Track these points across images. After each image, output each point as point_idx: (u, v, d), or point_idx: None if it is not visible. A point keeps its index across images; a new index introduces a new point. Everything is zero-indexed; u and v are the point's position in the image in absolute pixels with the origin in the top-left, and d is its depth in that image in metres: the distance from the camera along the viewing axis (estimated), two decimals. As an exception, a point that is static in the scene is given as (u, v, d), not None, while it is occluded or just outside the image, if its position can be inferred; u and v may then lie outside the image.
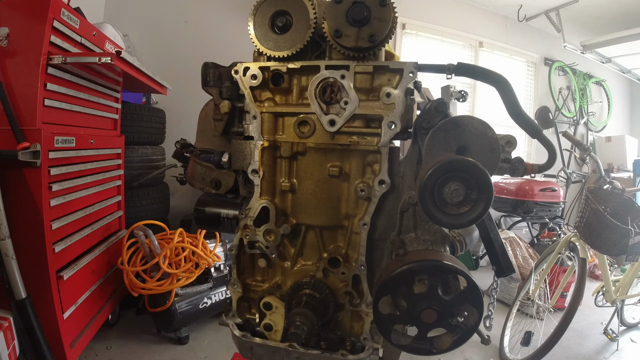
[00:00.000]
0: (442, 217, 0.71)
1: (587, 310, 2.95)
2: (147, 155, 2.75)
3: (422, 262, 0.76)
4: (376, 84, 0.91)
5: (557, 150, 0.99)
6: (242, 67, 0.95)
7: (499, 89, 0.92)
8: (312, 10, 0.89)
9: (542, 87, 5.25)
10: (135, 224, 2.21)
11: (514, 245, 3.44)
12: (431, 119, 0.85)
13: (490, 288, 1.12)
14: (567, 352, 2.48)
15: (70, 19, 1.72)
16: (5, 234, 1.48)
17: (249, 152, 0.98)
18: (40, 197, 1.57)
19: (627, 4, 4.25)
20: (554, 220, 3.94)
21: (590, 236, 2.15)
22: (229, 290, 1.04)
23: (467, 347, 2.44)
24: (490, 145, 0.80)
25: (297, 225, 0.98)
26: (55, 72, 1.66)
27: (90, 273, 2.00)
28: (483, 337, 0.87)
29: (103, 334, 2.23)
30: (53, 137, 1.63)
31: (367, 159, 0.93)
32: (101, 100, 2.12)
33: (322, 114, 0.92)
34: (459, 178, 0.69)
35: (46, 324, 1.63)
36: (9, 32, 1.55)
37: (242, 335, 1.02)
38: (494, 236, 0.91)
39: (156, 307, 2.19)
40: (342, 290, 0.97)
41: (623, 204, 2.24)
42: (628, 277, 2.40)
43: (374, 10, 0.84)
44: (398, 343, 0.80)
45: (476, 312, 0.75)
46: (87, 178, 1.94)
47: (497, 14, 4.87)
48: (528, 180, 3.77)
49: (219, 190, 1.04)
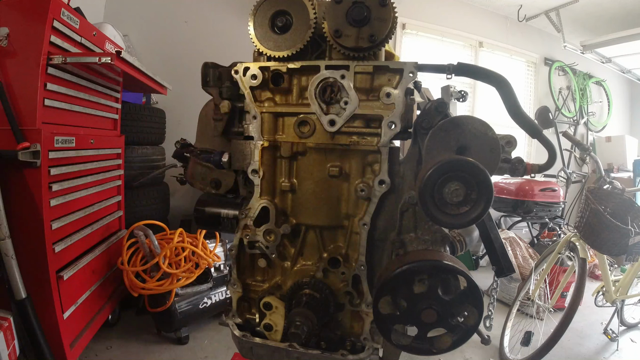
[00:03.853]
0: (442, 217, 0.71)
1: (587, 310, 2.94)
2: (147, 155, 2.75)
3: (422, 262, 0.76)
4: (376, 84, 0.91)
5: (557, 150, 0.99)
6: (242, 67, 0.95)
7: (499, 89, 0.92)
8: (312, 10, 0.89)
9: (542, 87, 5.25)
10: (135, 224, 2.21)
11: (514, 245, 3.43)
12: (431, 119, 0.85)
13: (490, 288, 1.12)
14: (567, 352, 2.48)
15: (70, 19, 1.72)
16: (5, 234, 1.48)
17: (249, 152, 0.98)
18: (40, 197, 1.57)
19: (627, 4, 4.25)
20: (554, 220, 3.94)
21: (590, 236, 2.15)
22: (229, 290, 1.04)
23: (467, 347, 2.44)
24: (490, 145, 0.80)
25: (297, 225, 0.98)
26: (55, 72, 1.66)
27: (90, 273, 2.00)
28: (483, 337, 0.88)
29: (103, 334, 2.22)
30: (53, 137, 1.63)
31: (367, 159, 0.93)
32: (101, 100, 2.12)
33: (322, 114, 0.92)
34: (459, 178, 0.69)
35: (46, 324, 1.63)
36: (9, 32, 1.55)
37: (242, 335, 1.02)
38: (494, 236, 0.91)
39: (156, 307, 2.19)
40: (342, 290, 0.97)
41: (623, 204, 2.24)
42: (628, 277, 2.40)
43: (374, 10, 0.85)
44: (398, 343, 0.80)
45: (476, 312, 0.75)
46: (87, 178, 1.94)
47: (497, 14, 4.87)
48: (528, 180, 3.77)
49: (219, 190, 1.04)
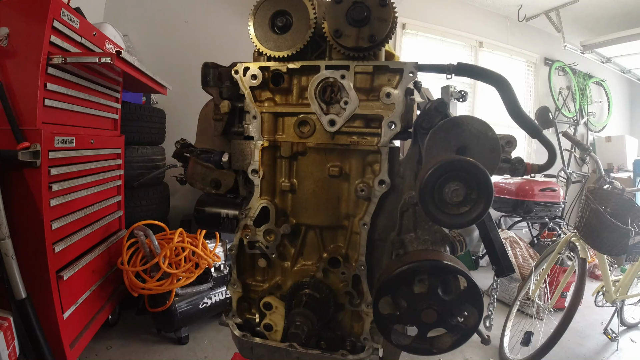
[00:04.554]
0: (442, 217, 0.71)
1: (587, 310, 2.94)
2: (147, 155, 2.75)
3: (422, 262, 0.76)
4: (376, 84, 0.91)
5: (557, 150, 0.99)
6: (242, 67, 0.95)
7: (499, 89, 0.92)
8: (312, 10, 0.89)
9: (542, 87, 5.25)
10: (135, 224, 2.21)
11: (514, 245, 3.43)
12: (431, 119, 0.85)
13: (490, 288, 1.12)
14: (567, 352, 2.47)
15: (70, 19, 1.72)
16: (5, 234, 1.48)
17: (249, 152, 0.98)
18: (40, 197, 1.57)
19: (627, 4, 4.25)
20: (554, 220, 3.94)
21: (590, 236, 2.15)
22: (229, 290, 1.04)
23: (467, 347, 2.44)
24: (490, 145, 0.80)
25: (297, 225, 0.98)
26: (55, 72, 1.66)
27: (90, 273, 2.00)
28: (483, 337, 0.87)
29: (103, 334, 2.22)
30: (53, 137, 1.63)
31: (367, 159, 0.93)
32: (101, 100, 2.12)
33: (322, 114, 0.92)
34: (459, 178, 0.69)
35: (46, 324, 1.63)
36: (9, 32, 1.55)
37: (242, 335, 1.02)
38: (494, 236, 0.91)
39: (156, 307, 2.19)
40: (342, 290, 0.97)
41: (623, 204, 2.24)
42: (628, 277, 2.40)
43: (374, 10, 0.85)
44: (398, 343, 0.80)
45: (476, 312, 0.75)
46: (87, 178, 1.94)
47: (497, 14, 4.87)
48: (528, 180, 3.77)
49: (219, 190, 1.04)
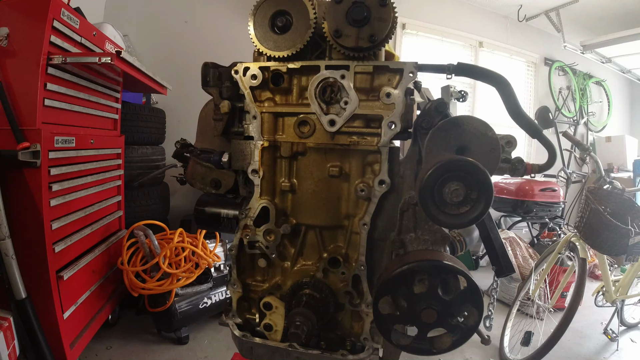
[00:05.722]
0: (442, 217, 0.71)
1: (587, 310, 2.94)
2: (147, 155, 2.75)
3: (422, 262, 0.76)
4: (376, 84, 0.91)
5: (557, 150, 0.99)
6: (242, 67, 0.95)
7: (499, 89, 0.92)
8: (312, 10, 0.89)
9: (542, 87, 5.25)
10: (135, 224, 2.21)
11: (514, 245, 3.43)
12: (431, 119, 0.85)
13: (490, 288, 1.12)
14: (567, 352, 2.47)
15: (70, 19, 1.72)
16: (5, 234, 1.48)
17: (249, 152, 0.98)
18: (40, 197, 1.57)
19: (627, 4, 4.25)
20: (554, 220, 3.94)
21: (590, 236, 2.15)
22: (229, 290, 1.04)
23: (467, 347, 2.44)
24: (490, 145, 0.80)
25: (297, 225, 0.98)
26: (55, 72, 1.66)
27: (90, 273, 2.00)
28: (483, 337, 0.87)
29: (103, 334, 2.22)
30: (53, 137, 1.63)
31: (367, 159, 0.93)
32: (101, 100, 2.12)
33: (322, 114, 0.92)
34: (459, 178, 0.69)
35: (46, 324, 1.63)
36: (9, 32, 1.55)
37: (242, 335, 1.02)
38: (494, 236, 0.91)
39: (156, 307, 2.19)
40: (342, 290, 0.97)
41: (623, 204, 2.24)
42: (628, 277, 2.40)
43: (374, 10, 0.85)
44: (398, 343, 0.80)
45: (476, 312, 0.75)
46: (87, 178, 1.94)
47: (497, 14, 4.87)
48: (528, 180, 3.77)
49: (219, 190, 1.04)
